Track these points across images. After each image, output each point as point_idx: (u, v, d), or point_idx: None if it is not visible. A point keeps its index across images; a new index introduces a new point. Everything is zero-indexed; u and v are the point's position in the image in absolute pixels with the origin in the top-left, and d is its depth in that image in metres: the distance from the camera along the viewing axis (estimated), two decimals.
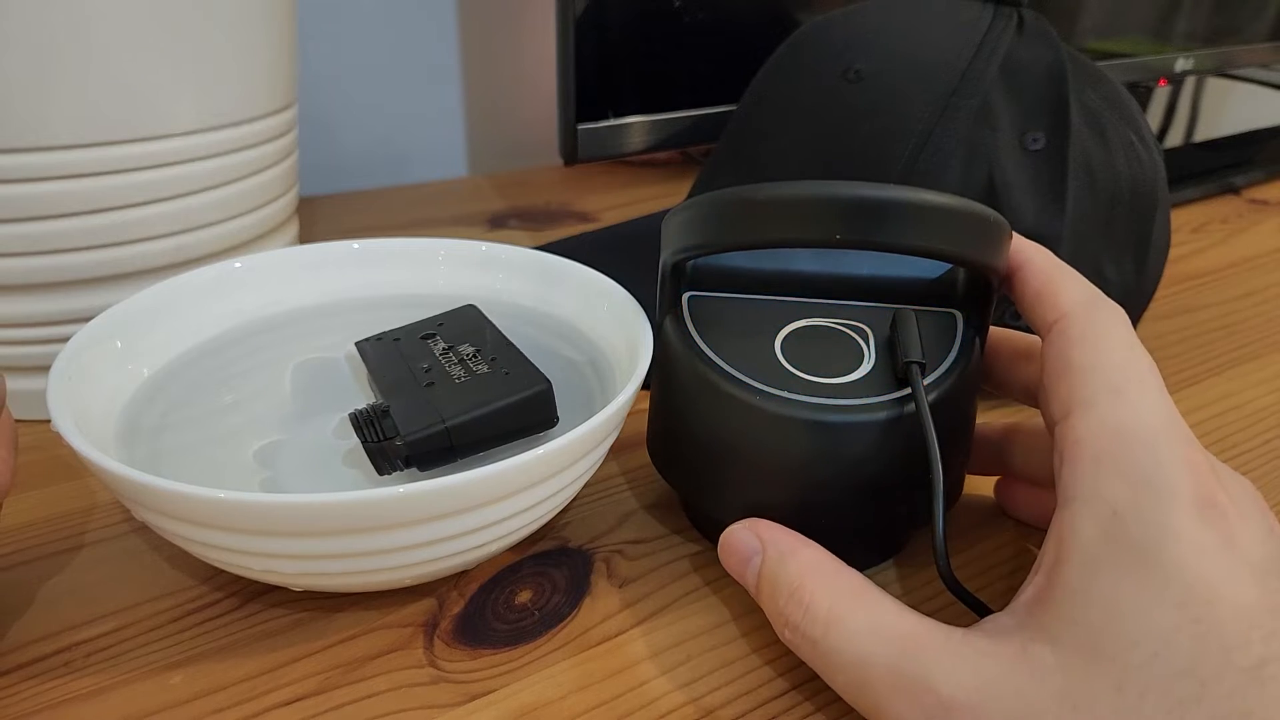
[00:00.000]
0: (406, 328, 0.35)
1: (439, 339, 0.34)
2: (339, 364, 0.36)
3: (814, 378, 0.28)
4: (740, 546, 0.27)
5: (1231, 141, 0.82)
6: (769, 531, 0.27)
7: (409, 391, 0.31)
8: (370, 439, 0.29)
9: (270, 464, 0.30)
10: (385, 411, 0.29)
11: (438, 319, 0.35)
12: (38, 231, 0.34)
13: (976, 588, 0.31)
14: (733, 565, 0.28)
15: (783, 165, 0.42)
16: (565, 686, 0.27)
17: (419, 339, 0.34)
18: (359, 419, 0.30)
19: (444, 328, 0.35)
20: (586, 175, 0.72)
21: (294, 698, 0.26)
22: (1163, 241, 0.43)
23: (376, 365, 0.33)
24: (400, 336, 0.34)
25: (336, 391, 0.34)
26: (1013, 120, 0.38)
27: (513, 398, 0.30)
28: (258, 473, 0.30)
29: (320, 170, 0.68)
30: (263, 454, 0.31)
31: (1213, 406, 0.43)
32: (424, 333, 0.34)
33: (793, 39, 0.45)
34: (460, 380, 0.31)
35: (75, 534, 0.32)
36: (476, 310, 0.36)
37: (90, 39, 0.32)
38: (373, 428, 0.29)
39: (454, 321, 0.35)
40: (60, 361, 0.29)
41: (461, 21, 0.69)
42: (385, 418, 0.29)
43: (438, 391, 0.31)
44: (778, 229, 0.27)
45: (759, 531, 0.27)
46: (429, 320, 0.35)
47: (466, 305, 0.36)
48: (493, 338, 0.34)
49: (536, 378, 0.31)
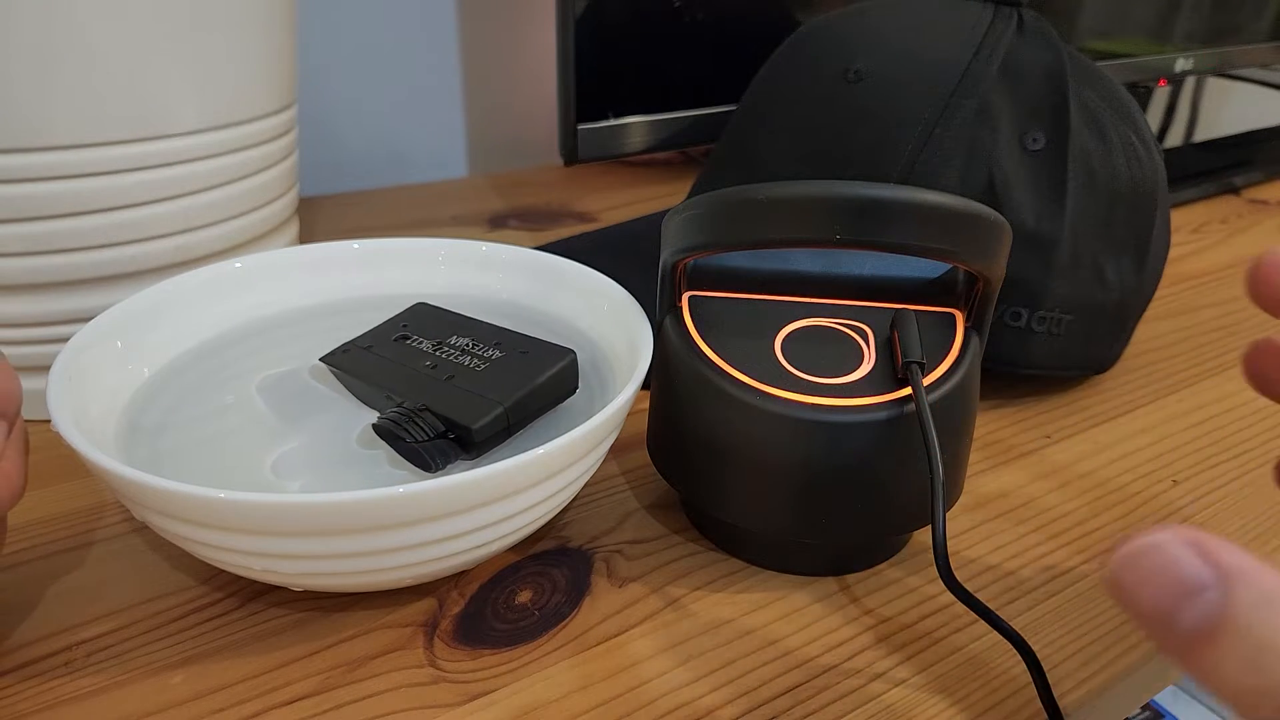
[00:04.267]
0: (371, 334, 0.34)
1: (419, 338, 0.33)
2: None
3: (814, 378, 0.28)
4: (1175, 571, 0.17)
5: (1231, 141, 0.82)
6: (1233, 557, 0.16)
7: (434, 388, 0.31)
8: (418, 437, 0.29)
9: (271, 464, 0.30)
10: (424, 409, 0.30)
11: (398, 321, 0.35)
12: (38, 231, 0.34)
13: (976, 588, 0.31)
14: (1148, 594, 0.17)
15: (783, 165, 0.42)
16: (565, 686, 0.27)
17: (393, 342, 0.33)
18: (395, 422, 0.29)
19: (410, 327, 0.34)
20: (586, 175, 0.72)
21: (294, 698, 0.26)
22: (1162, 241, 0.43)
23: (367, 373, 0.32)
24: (370, 344, 0.34)
25: (336, 391, 0.34)
26: (1013, 120, 0.38)
27: (550, 371, 0.31)
28: (258, 472, 0.30)
29: (320, 170, 0.68)
30: (263, 454, 0.31)
31: (1212, 406, 0.43)
32: (395, 335, 0.34)
33: (793, 39, 0.45)
34: (482, 368, 0.32)
35: (76, 534, 0.32)
36: (430, 306, 0.36)
37: (91, 39, 0.32)
38: (417, 426, 0.29)
39: (417, 320, 0.35)
40: (60, 361, 0.29)
41: (461, 21, 0.69)
42: (424, 414, 0.29)
43: (466, 382, 0.31)
44: (778, 229, 0.27)
45: (1215, 556, 0.16)
46: (388, 324, 0.35)
47: (417, 304, 0.36)
48: (480, 326, 0.34)
49: (559, 351, 0.32)
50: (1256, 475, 0.38)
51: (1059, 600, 0.31)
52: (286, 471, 0.29)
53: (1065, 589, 0.31)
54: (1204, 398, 0.44)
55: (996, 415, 0.41)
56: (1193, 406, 0.43)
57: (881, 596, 0.31)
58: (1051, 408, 0.42)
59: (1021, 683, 0.28)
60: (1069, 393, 0.43)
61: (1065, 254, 0.38)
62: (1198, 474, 0.38)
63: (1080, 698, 0.27)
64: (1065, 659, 0.29)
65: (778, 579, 0.31)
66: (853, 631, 0.29)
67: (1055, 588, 0.31)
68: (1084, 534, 0.34)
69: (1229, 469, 0.38)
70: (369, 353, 0.33)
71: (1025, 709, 0.27)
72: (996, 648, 0.29)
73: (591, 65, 0.52)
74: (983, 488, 0.36)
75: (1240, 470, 0.38)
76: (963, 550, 0.33)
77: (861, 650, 0.29)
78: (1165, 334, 0.50)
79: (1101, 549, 0.33)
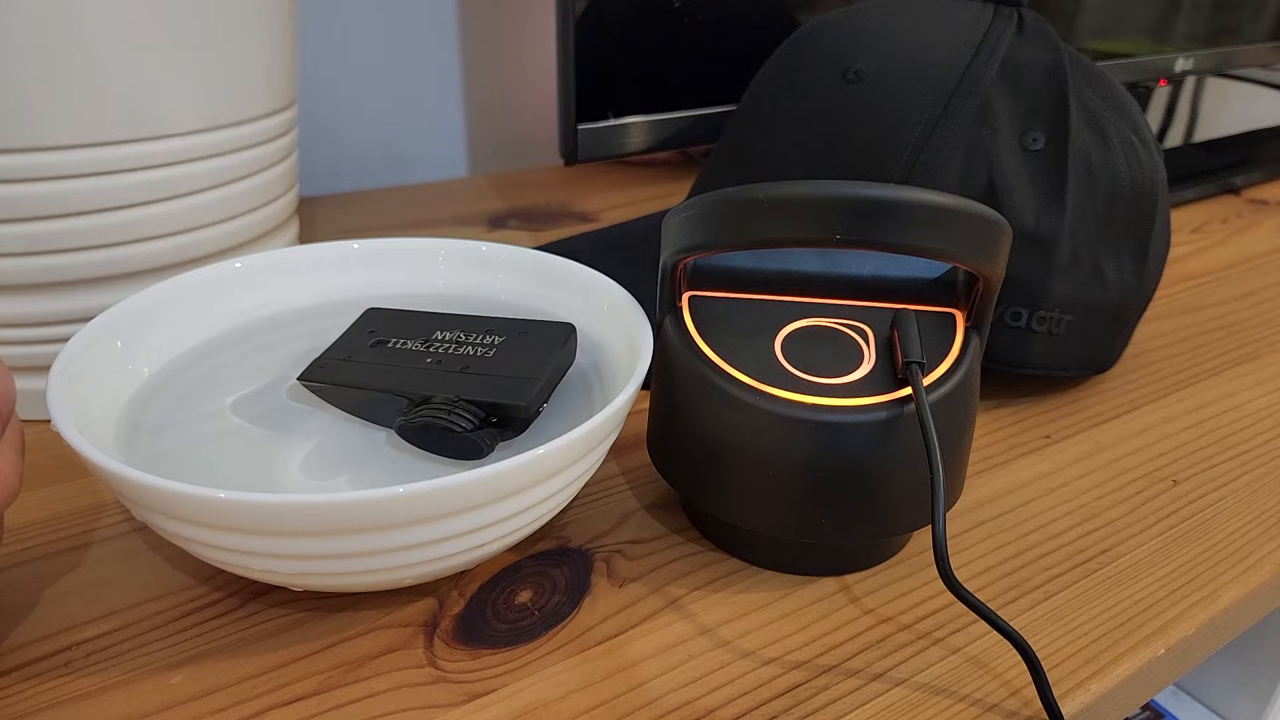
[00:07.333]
0: (339, 345, 0.33)
1: (401, 340, 0.33)
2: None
3: (814, 378, 0.28)
4: None
5: (1231, 141, 0.82)
6: None
7: (454, 381, 0.31)
8: (466, 427, 0.29)
9: (271, 463, 0.30)
10: (458, 400, 0.30)
11: (361, 328, 0.34)
12: (38, 231, 0.34)
13: (976, 588, 0.31)
14: None
15: (783, 165, 0.42)
16: (565, 686, 0.27)
17: (370, 348, 0.33)
18: (438, 417, 0.29)
19: (381, 332, 0.34)
20: (586, 175, 0.72)
21: (294, 698, 0.26)
22: (1162, 241, 0.43)
23: (364, 380, 0.31)
24: (347, 355, 0.33)
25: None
26: (1013, 120, 0.38)
27: (562, 346, 0.32)
28: (259, 472, 0.30)
29: (320, 170, 0.68)
30: (263, 453, 0.31)
31: (1212, 407, 0.43)
32: (370, 342, 0.33)
33: (793, 39, 0.45)
34: (492, 354, 0.32)
35: (76, 534, 0.32)
36: (384, 309, 0.36)
37: (91, 39, 0.32)
38: (461, 416, 0.29)
39: (383, 324, 0.34)
40: (60, 361, 0.29)
41: (461, 21, 0.69)
42: (461, 404, 0.30)
43: (484, 369, 0.31)
44: (778, 229, 0.27)
45: None
46: (352, 334, 0.34)
47: (369, 309, 0.36)
48: (456, 319, 0.34)
49: (559, 325, 0.33)
50: (1257, 475, 0.38)
51: (1059, 600, 0.31)
52: (288, 470, 0.29)
53: (1065, 589, 0.31)
54: (1204, 398, 0.44)
55: (996, 415, 0.41)
56: (1193, 406, 0.43)
57: (881, 596, 0.31)
58: (1051, 408, 0.42)
59: (1021, 683, 0.28)
60: (1069, 393, 0.43)
61: (1065, 254, 0.38)
62: (1198, 474, 0.38)
63: (1080, 698, 0.27)
64: (1065, 659, 0.29)
65: (778, 579, 0.31)
66: (853, 631, 0.29)
67: (1055, 588, 0.31)
68: (1084, 534, 0.34)
69: (1229, 469, 0.38)
70: (351, 363, 0.32)
71: (1025, 709, 0.27)
72: (996, 648, 0.29)
73: (591, 65, 0.52)
74: (983, 488, 0.36)
75: (1240, 470, 0.38)
76: (963, 550, 0.33)
77: (861, 650, 0.29)
78: (1165, 334, 0.50)
79: (1101, 549, 0.33)
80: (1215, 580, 0.32)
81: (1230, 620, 0.32)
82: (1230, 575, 0.32)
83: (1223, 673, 0.57)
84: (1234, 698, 0.57)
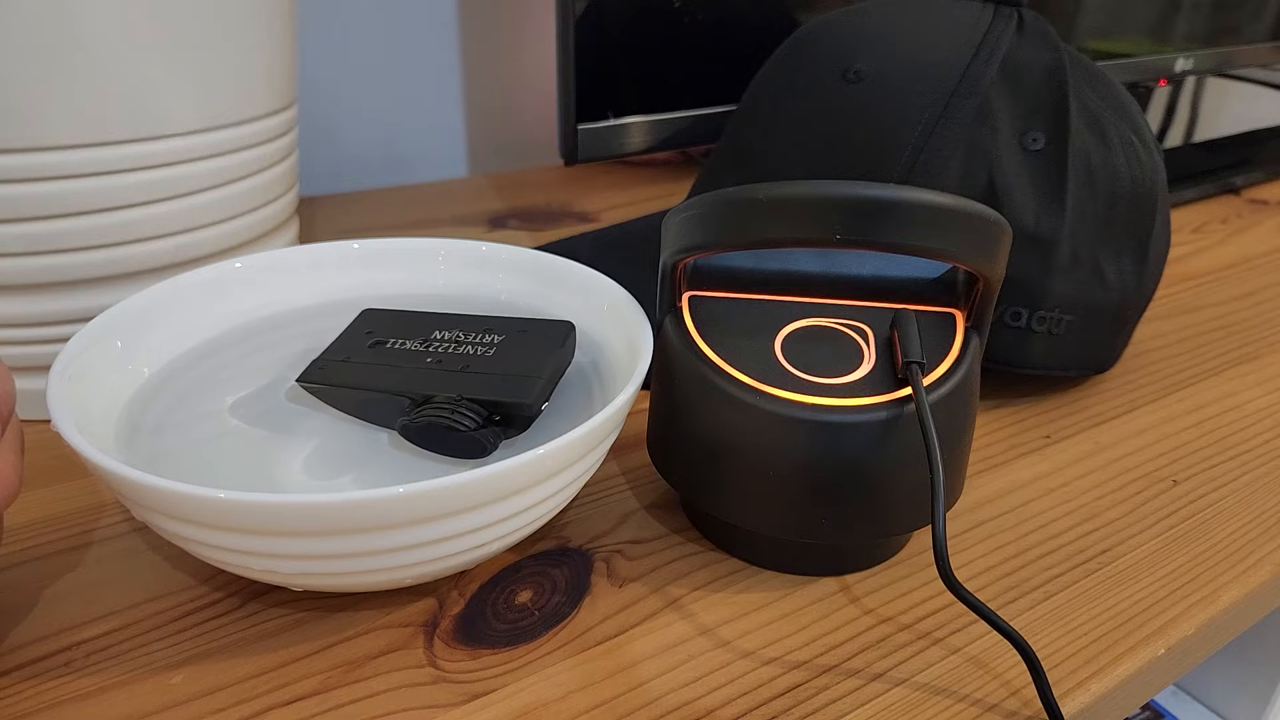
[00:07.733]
0: (336, 347, 0.33)
1: (399, 341, 0.33)
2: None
3: (814, 378, 0.28)
4: None
5: (1231, 141, 0.82)
6: None
7: (456, 381, 0.31)
8: (470, 425, 0.29)
9: (272, 463, 0.30)
10: (461, 399, 0.30)
11: (361, 328, 0.34)
12: (38, 231, 0.34)
13: (976, 588, 0.31)
14: None
15: (783, 165, 0.42)
16: (565, 686, 0.27)
17: (369, 349, 0.33)
18: (442, 415, 0.29)
19: (379, 333, 0.34)
20: (586, 175, 0.72)
21: (294, 698, 0.26)
22: (1162, 241, 0.43)
23: (364, 381, 0.31)
24: (345, 356, 0.33)
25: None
26: (1013, 120, 0.38)
27: (562, 344, 0.32)
28: (259, 472, 0.30)
29: (320, 170, 0.68)
30: (263, 453, 0.31)
31: (1212, 407, 0.43)
32: (369, 343, 0.33)
33: (793, 39, 0.45)
34: (492, 353, 0.32)
35: (76, 534, 0.32)
36: (380, 310, 0.36)
37: (90, 39, 0.32)
38: (465, 415, 0.29)
39: (380, 324, 0.34)
40: (60, 361, 0.29)
41: (461, 21, 0.69)
42: (464, 403, 0.30)
43: (486, 368, 0.31)
44: (778, 229, 0.27)
45: None
46: (349, 335, 0.34)
47: (365, 310, 0.36)
48: (454, 319, 0.34)
49: (558, 323, 0.33)
50: (1257, 475, 0.38)
51: (1059, 600, 0.31)
52: (288, 470, 0.29)
53: (1065, 589, 0.31)
54: (1204, 398, 0.44)
55: (996, 415, 0.41)
56: (1193, 406, 0.43)
57: (881, 596, 0.31)
58: (1051, 408, 0.42)
59: (1021, 683, 0.28)
60: (1069, 393, 0.43)
61: (1065, 254, 0.38)
62: (1198, 474, 0.38)
63: (1080, 698, 0.27)
64: (1065, 659, 0.29)
65: (778, 579, 0.31)
66: (853, 631, 0.29)
67: (1055, 588, 0.31)
68: (1084, 534, 0.34)
69: (1229, 469, 0.38)
70: (350, 364, 0.32)
71: (1025, 709, 0.27)
72: (996, 648, 0.29)
73: (591, 65, 0.52)
74: (983, 488, 0.36)
75: (1240, 470, 0.38)
76: (963, 550, 0.33)
77: (861, 650, 0.29)
78: (1165, 334, 0.50)
79: (1101, 549, 0.33)
80: (1215, 580, 0.32)
81: (1230, 620, 0.32)
82: (1230, 575, 0.32)
83: (1223, 673, 0.57)
84: (1234, 698, 0.57)
